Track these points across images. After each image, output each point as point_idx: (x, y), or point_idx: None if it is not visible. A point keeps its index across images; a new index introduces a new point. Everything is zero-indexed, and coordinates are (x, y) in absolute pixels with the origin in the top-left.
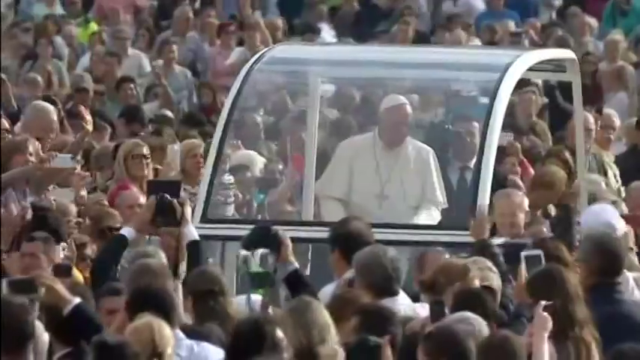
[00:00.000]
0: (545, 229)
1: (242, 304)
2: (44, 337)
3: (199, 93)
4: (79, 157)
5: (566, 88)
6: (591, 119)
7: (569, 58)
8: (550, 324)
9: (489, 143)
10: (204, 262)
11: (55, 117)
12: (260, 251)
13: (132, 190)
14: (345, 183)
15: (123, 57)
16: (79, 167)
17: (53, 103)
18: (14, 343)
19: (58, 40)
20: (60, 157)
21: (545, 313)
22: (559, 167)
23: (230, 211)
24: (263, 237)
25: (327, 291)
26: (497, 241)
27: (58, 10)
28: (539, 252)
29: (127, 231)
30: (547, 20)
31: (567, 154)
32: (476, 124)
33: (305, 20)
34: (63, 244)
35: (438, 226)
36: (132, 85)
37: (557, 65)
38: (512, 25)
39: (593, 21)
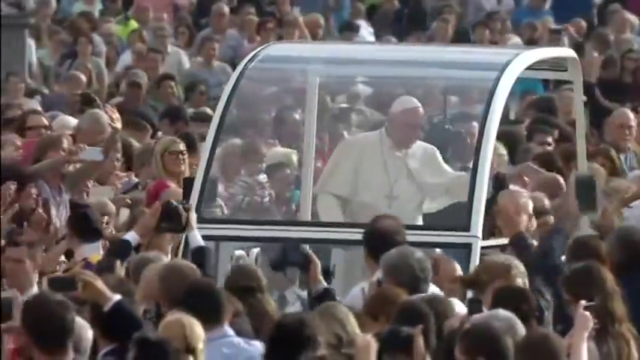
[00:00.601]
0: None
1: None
2: (88, 334)
3: None
4: (118, 155)
5: (605, 86)
6: (631, 116)
7: (570, 57)
8: (591, 323)
9: (486, 142)
10: (211, 268)
11: (107, 126)
12: (255, 250)
13: (172, 187)
14: (349, 181)
15: (164, 54)
16: (118, 165)
17: (92, 100)
18: (54, 340)
19: (97, 37)
20: (89, 149)
21: (587, 313)
22: (604, 166)
23: (267, 210)
24: (293, 256)
25: (358, 290)
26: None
27: (98, 7)
28: None
29: (130, 236)
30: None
31: (613, 153)
32: (476, 124)
33: (343, 18)
34: (102, 241)
35: (437, 227)
36: (172, 83)
37: (558, 64)
38: (551, 23)
39: (633, 18)
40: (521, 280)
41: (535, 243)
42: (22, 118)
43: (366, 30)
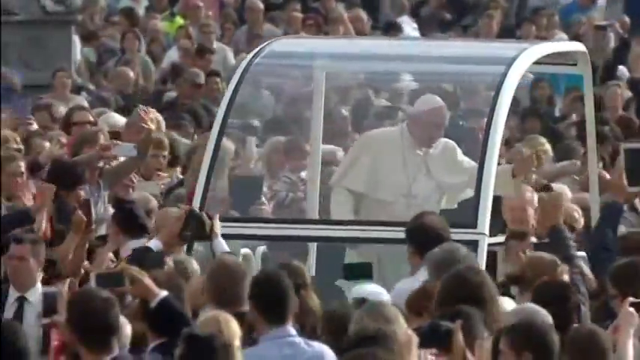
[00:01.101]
0: None
1: None
2: (127, 330)
3: None
4: (165, 153)
5: None
6: None
7: (579, 51)
8: (637, 320)
9: (493, 139)
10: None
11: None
12: (261, 249)
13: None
14: (367, 177)
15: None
16: (164, 162)
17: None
18: (98, 337)
19: (144, 34)
20: (122, 145)
21: (632, 309)
22: None
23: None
24: (364, 269)
25: (404, 287)
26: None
27: (143, 4)
28: None
29: (153, 243)
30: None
31: None
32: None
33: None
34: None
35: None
36: (218, 79)
37: (568, 58)
38: (598, 18)
39: None
40: (567, 277)
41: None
42: (68, 115)
43: (409, 26)
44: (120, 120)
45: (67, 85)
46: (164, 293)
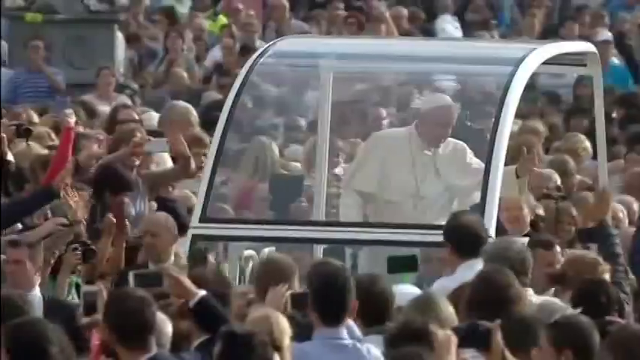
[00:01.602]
0: None
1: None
2: (168, 328)
3: None
4: (205, 151)
5: None
6: None
7: (589, 52)
8: None
9: (499, 141)
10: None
11: (192, 117)
12: (267, 250)
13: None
14: (376, 177)
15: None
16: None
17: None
18: (136, 336)
19: (188, 33)
20: (154, 141)
21: None
22: None
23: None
24: (408, 262)
25: (444, 284)
26: None
27: (187, 4)
28: None
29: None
30: None
31: None
32: None
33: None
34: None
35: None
36: None
37: (577, 59)
38: None
39: None
40: (608, 276)
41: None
42: (113, 113)
43: (451, 25)
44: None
45: (111, 84)
46: (203, 293)
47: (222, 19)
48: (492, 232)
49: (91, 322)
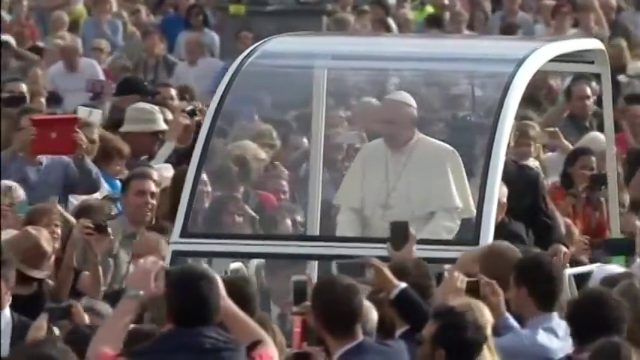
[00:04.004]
0: None
1: None
2: (373, 315)
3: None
4: None
5: None
6: None
7: (597, 49)
8: None
9: (498, 146)
10: None
11: None
12: (255, 261)
13: None
14: (358, 192)
15: None
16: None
17: None
18: (343, 324)
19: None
20: None
21: None
22: None
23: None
24: (626, 245)
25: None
26: None
27: None
28: None
29: None
30: None
31: None
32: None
33: None
34: None
35: (443, 241)
36: None
37: (585, 56)
38: None
39: None
40: None
41: None
42: None
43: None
44: None
45: None
46: (403, 285)
47: (429, 9)
48: (491, 235)
49: (301, 311)
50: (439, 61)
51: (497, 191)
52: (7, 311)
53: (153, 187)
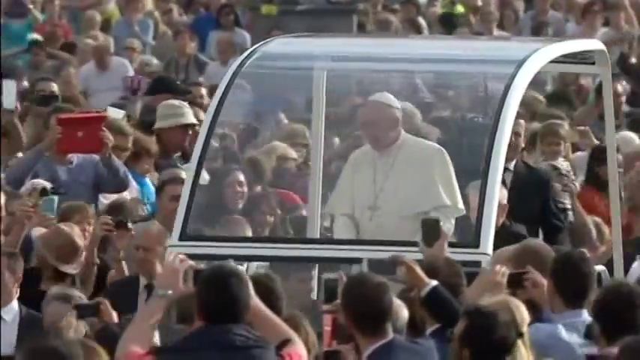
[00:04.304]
0: None
1: None
2: (404, 313)
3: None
4: None
5: None
6: None
7: (597, 50)
8: None
9: (498, 148)
10: None
11: None
12: (255, 263)
13: None
14: (349, 197)
15: None
16: None
17: None
18: (372, 321)
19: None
20: None
21: None
22: None
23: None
24: None
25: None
26: None
27: None
28: None
29: None
30: None
31: None
32: (521, 121)
33: None
34: None
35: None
36: None
37: (585, 57)
38: None
39: None
40: None
41: None
42: None
43: None
44: None
45: None
46: (434, 283)
47: (459, 9)
48: (489, 250)
49: (332, 309)
50: (440, 63)
51: (498, 193)
52: (14, 304)
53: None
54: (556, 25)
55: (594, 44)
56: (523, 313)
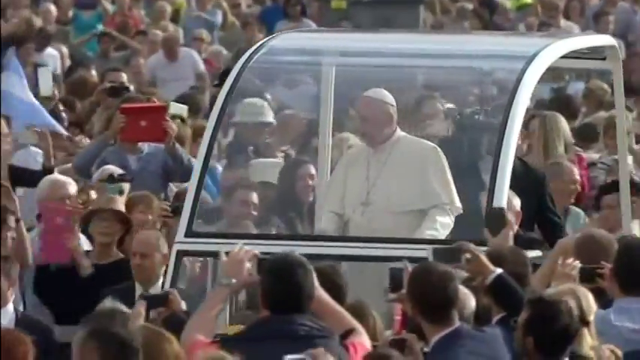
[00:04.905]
0: None
1: None
2: (471, 302)
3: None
4: None
5: None
6: None
7: (608, 45)
8: None
9: (507, 143)
10: None
11: None
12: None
13: None
14: (339, 194)
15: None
16: None
17: None
18: (439, 310)
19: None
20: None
21: None
22: None
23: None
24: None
25: None
26: None
27: None
28: None
29: None
30: None
31: None
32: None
33: None
34: None
35: (448, 240)
36: None
37: (596, 53)
38: None
39: None
40: None
41: None
42: None
43: None
44: None
45: None
46: (499, 271)
47: None
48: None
49: (398, 298)
50: (449, 58)
51: (507, 190)
52: (10, 307)
53: (255, 199)
54: (621, 16)
55: (605, 40)
56: (590, 302)
